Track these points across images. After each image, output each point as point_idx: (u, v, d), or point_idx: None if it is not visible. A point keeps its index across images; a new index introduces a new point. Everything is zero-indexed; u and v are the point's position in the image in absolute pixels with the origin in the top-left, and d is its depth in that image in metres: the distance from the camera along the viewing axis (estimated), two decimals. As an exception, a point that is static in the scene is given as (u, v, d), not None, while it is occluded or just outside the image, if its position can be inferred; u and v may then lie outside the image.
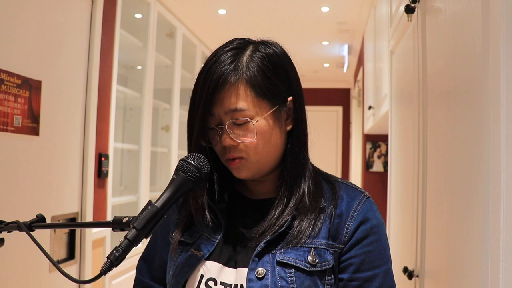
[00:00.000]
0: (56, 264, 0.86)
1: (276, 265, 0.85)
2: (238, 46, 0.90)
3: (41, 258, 2.13)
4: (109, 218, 2.77)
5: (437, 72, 1.42)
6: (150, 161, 3.40)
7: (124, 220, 0.82)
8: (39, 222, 1.08)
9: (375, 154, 4.16)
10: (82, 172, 2.46)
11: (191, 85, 3.49)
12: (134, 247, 0.78)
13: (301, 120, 0.93)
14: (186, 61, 4.17)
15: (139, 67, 3.66)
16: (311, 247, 0.86)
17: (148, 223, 0.78)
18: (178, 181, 0.84)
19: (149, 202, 0.81)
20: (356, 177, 5.02)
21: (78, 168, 2.43)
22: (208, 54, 4.87)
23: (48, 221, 2.12)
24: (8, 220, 1.01)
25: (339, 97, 7.20)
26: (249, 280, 0.85)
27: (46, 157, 2.15)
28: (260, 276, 0.84)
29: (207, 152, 0.90)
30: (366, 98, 4.06)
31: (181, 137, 4.09)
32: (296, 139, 0.93)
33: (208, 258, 0.91)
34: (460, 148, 1.13)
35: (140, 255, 1.09)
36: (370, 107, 3.37)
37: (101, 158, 2.62)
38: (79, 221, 2.30)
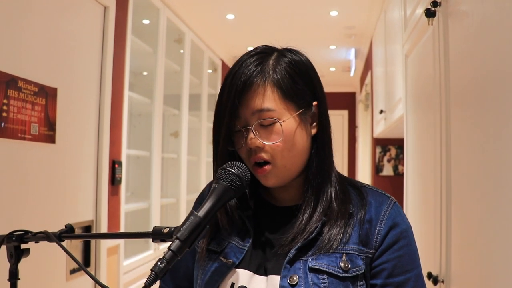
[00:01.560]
0: (93, 276, 0.85)
1: (308, 272, 0.84)
2: (264, 51, 0.91)
3: (58, 267, 2.11)
4: (123, 225, 2.75)
5: (463, 76, 1.40)
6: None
7: (165, 230, 0.81)
8: (68, 232, 1.07)
9: (385, 158, 4.14)
10: (97, 180, 2.45)
11: (199, 90, 3.48)
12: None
13: (326, 125, 0.94)
14: (194, 66, 4.17)
15: (145, 73, 3.65)
16: (343, 253, 0.86)
17: (192, 234, 0.77)
18: (219, 190, 0.82)
19: (192, 212, 0.79)
20: (364, 181, 4.99)
21: (93, 175, 2.42)
22: (216, 60, 4.87)
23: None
24: (27, 229, 1.00)
25: (344, 101, 7.20)
26: (282, 287, 0.84)
27: (61, 165, 2.14)
28: (293, 283, 0.83)
29: (235, 158, 0.90)
30: (376, 102, 4.05)
31: (190, 143, 4.08)
32: (321, 144, 0.93)
33: (237, 266, 0.90)
34: (493, 151, 1.12)
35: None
36: (381, 111, 3.36)
37: (115, 165, 2.60)
38: (106, 231, 2.28)
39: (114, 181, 2.60)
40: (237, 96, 0.86)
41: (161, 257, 0.76)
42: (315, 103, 0.92)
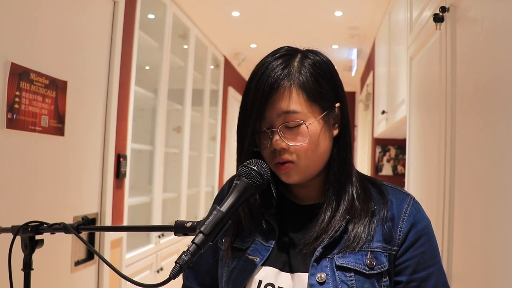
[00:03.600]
0: (112, 266, 0.86)
1: (336, 270, 0.87)
2: (288, 53, 0.93)
3: (63, 259, 2.14)
4: (126, 218, 2.77)
5: (469, 81, 1.44)
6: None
7: (188, 225, 0.83)
8: (85, 224, 1.09)
9: (385, 158, 4.18)
10: (102, 173, 2.47)
11: (202, 86, 3.51)
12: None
13: (347, 126, 0.96)
14: (197, 62, 4.19)
15: (147, 67, 3.66)
16: (368, 251, 0.88)
17: (215, 228, 0.79)
18: (241, 186, 0.85)
19: (214, 207, 0.82)
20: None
21: (99, 168, 2.44)
22: (219, 56, 4.87)
23: (70, 221, 2.14)
24: (41, 220, 1.01)
25: (344, 100, 7.22)
26: (310, 285, 0.86)
27: (69, 158, 2.16)
28: (322, 281, 0.86)
29: (259, 157, 0.91)
30: (377, 103, 4.08)
31: (192, 138, 4.10)
32: (343, 144, 0.95)
33: (264, 264, 0.92)
34: (499, 154, 1.15)
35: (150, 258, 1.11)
36: (383, 112, 3.39)
37: (120, 159, 2.63)
38: (127, 224, 2.30)
39: (119, 174, 2.62)
40: (264, 98, 0.87)
41: (184, 250, 0.79)
42: (337, 104, 0.94)
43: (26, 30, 1.83)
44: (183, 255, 0.77)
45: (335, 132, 0.95)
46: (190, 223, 0.83)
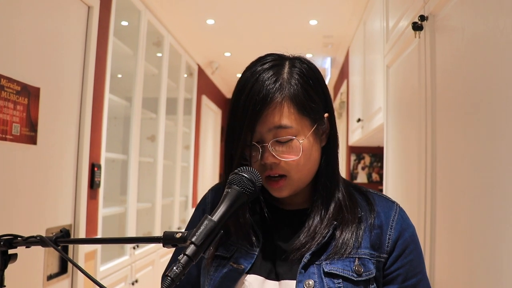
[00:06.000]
0: (94, 279, 0.83)
1: (324, 276, 0.85)
2: (276, 63, 0.90)
3: (35, 273, 2.05)
4: (100, 229, 2.69)
5: (450, 89, 1.45)
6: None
7: (178, 235, 0.80)
8: (64, 237, 1.04)
9: (359, 166, 4.22)
10: (76, 183, 2.39)
11: (175, 94, 3.46)
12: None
13: (335, 135, 0.96)
14: (171, 70, 4.14)
15: (120, 75, 3.59)
16: (356, 257, 0.88)
17: (207, 239, 0.77)
18: (233, 195, 0.82)
19: (206, 217, 0.79)
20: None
21: (72, 178, 2.36)
22: (193, 64, 4.83)
23: (43, 233, 2.05)
24: (15, 234, 0.96)
25: (317, 109, 7.28)
26: None
27: (42, 168, 2.08)
28: None
29: None
30: (352, 111, 4.12)
31: (166, 147, 4.04)
32: (331, 154, 0.95)
33: (248, 272, 0.90)
34: (481, 160, 1.16)
35: (125, 270, 1.07)
36: (359, 120, 3.42)
37: (94, 168, 2.55)
38: (101, 236, 2.22)
39: (93, 184, 2.54)
40: (255, 113, 0.85)
41: (175, 262, 0.75)
42: (326, 115, 0.93)
43: (-3, 35, 1.76)
44: (175, 268, 0.74)
45: (323, 142, 0.94)
46: (180, 234, 0.80)
